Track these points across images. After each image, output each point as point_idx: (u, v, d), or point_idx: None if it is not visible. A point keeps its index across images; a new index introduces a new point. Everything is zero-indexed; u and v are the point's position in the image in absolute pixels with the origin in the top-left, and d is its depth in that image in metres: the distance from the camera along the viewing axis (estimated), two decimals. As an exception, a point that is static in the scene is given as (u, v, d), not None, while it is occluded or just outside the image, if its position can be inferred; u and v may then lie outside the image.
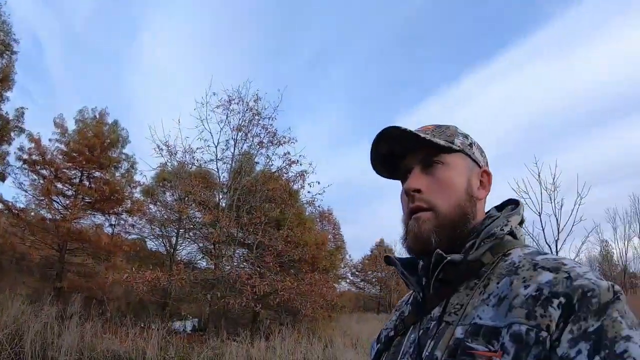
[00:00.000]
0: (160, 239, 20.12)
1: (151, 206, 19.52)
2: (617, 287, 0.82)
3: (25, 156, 16.58)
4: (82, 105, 20.51)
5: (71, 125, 18.16)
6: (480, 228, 1.08)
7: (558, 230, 12.54)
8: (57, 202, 17.11)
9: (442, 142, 1.08)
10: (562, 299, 0.79)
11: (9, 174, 16.16)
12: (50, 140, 17.44)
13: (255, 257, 15.06)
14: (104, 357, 8.50)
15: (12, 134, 16.09)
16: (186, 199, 17.29)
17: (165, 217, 18.08)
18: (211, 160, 15.98)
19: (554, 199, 12.62)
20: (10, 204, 16.23)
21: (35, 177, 16.91)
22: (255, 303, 13.92)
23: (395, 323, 1.21)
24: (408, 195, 1.08)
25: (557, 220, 12.58)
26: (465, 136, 1.19)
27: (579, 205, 12.15)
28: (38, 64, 45.10)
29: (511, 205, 1.19)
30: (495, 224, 1.06)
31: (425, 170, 1.10)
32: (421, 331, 1.02)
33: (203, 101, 15.37)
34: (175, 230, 19.09)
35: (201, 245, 19.30)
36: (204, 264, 20.04)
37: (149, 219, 18.52)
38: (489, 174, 1.19)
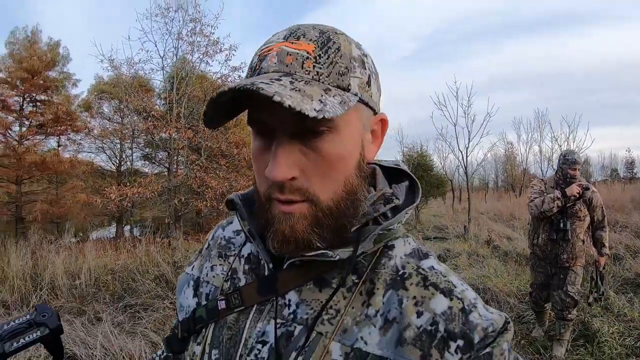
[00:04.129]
0: (105, 153, 20.99)
1: (91, 119, 20.07)
2: (507, 317, 0.74)
3: None
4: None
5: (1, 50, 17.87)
6: (369, 211, 0.83)
7: (469, 140, 16.78)
8: (3, 134, 17.01)
9: (337, 108, 0.67)
10: (461, 342, 0.69)
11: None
12: None
13: (206, 160, 15.93)
14: (123, 279, 8.89)
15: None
16: (125, 108, 17.98)
17: (119, 129, 18.64)
18: (154, 70, 16.29)
19: (468, 114, 16.77)
20: None
21: None
22: (217, 203, 14.81)
23: (225, 284, 0.94)
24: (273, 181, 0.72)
25: (469, 132, 16.76)
26: (362, 61, 0.78)
27: (487, 122, 16.51)
28: None
29: (405, 181, 0.93)
30: (397, 219, 0.82)
31: (301, 140, 0.72)
32: (278, 327, 0.79)
33: (146, 12, 15.84)
34: (122, 143, 20.07)
35: (147, 152, 20.43)
36: (147, 170, 20.97)
37: (102, 134, 19.15)
38: (384, 122, 0.87)
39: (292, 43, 0.74)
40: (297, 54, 0.72)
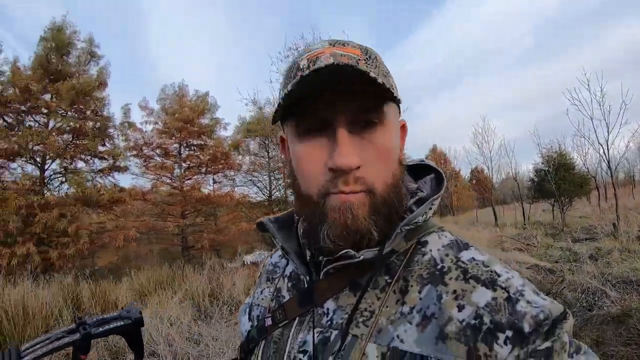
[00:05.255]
0: (256, 185, 22.62)
1: (239, 157, 22.10)
2: (564, 306, 0.68)
3: (131, 144, 18.99)
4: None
5: (154, 104, 20.32)
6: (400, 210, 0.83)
7: (608, 132, 16.00)
8: (170, 177, 19.79)
9: (396, 91, 0.78)
10: (509, 332, 0.65)
11: (129, 165, 18.48)
12: (141, 123, 19.71)
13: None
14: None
15: (127, 130, 18.62)
16: (270, 143, 19.62)
17: (267, 163, 20.48)
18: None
19: (602, 105, 16.06)
20: (139, 189, 18.71)
21: (140, 160, 19.48)
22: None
23: (271, 304, 0.98)
24: (336, 171, 0.74)
25: (607, 124, 16.00)
26: (383, 64, 0.84)
27: (624, 110, 15.58)
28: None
29: (430, 174, 0.95)
30: (421, 211, 0.82)
31: (358, 133, 0.77)
32: (316, 335, 0.81)
33: (279, 56, 17.12)
34: (270, 175, 21.61)
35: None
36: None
37: (254, 169, 21.25)
38: (405, 127, 0.92)
39: (340, 48, 0.79)
40: (350, 55, 0.76)
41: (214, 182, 21.68)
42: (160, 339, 6.04)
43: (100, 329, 1.02)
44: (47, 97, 16.63)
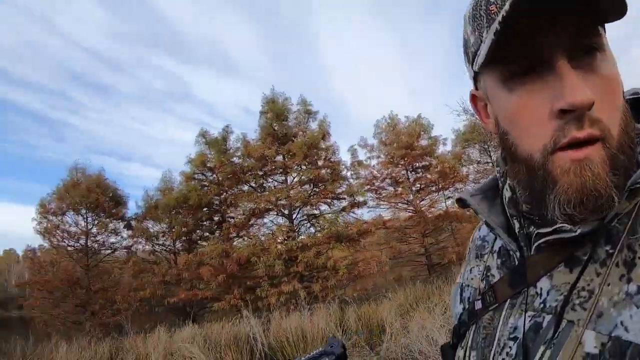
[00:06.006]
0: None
1: (463, 168, 22.50)
2: None
3: (362, 180, 20.79)
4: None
5: (371, 140, 21.77)
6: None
7: None
8: (405, 201, 21.10)
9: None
10: None
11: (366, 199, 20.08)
12: (365, 160, 21.32)
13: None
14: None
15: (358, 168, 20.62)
16: (490, 147, 19.72)
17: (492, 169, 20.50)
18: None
19: None
20: (380, 219, 20.43)
21: (373, 193, 21.20)
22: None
23: (481, 284, 0.88)
24: (568, 112, 0.59)
25: None
26: None
27: None
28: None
29: None
30: None
31: (579, 64, 0.61)
32: (527, 320, 0.71)
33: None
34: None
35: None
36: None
37: (480, 176, 21.26)
38: None
39: None
40: None
41: (446, 197, 22.31)
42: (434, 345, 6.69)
43: None
44: (279, 158, 18.96)
